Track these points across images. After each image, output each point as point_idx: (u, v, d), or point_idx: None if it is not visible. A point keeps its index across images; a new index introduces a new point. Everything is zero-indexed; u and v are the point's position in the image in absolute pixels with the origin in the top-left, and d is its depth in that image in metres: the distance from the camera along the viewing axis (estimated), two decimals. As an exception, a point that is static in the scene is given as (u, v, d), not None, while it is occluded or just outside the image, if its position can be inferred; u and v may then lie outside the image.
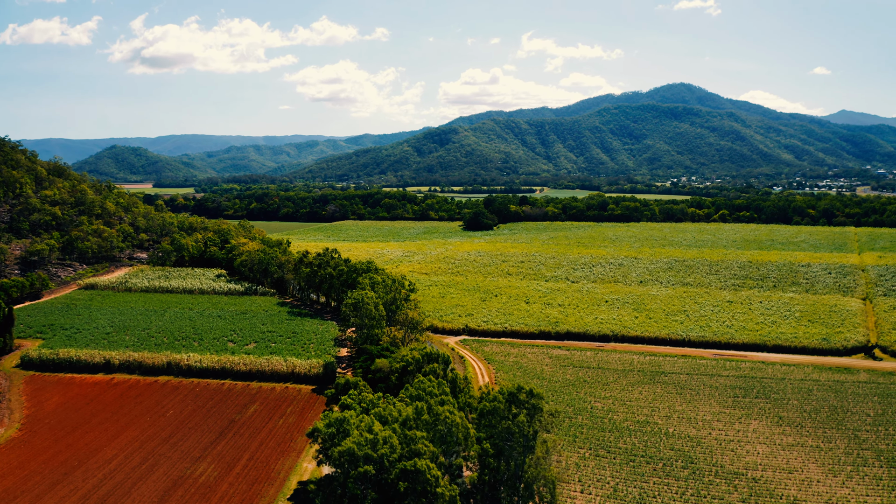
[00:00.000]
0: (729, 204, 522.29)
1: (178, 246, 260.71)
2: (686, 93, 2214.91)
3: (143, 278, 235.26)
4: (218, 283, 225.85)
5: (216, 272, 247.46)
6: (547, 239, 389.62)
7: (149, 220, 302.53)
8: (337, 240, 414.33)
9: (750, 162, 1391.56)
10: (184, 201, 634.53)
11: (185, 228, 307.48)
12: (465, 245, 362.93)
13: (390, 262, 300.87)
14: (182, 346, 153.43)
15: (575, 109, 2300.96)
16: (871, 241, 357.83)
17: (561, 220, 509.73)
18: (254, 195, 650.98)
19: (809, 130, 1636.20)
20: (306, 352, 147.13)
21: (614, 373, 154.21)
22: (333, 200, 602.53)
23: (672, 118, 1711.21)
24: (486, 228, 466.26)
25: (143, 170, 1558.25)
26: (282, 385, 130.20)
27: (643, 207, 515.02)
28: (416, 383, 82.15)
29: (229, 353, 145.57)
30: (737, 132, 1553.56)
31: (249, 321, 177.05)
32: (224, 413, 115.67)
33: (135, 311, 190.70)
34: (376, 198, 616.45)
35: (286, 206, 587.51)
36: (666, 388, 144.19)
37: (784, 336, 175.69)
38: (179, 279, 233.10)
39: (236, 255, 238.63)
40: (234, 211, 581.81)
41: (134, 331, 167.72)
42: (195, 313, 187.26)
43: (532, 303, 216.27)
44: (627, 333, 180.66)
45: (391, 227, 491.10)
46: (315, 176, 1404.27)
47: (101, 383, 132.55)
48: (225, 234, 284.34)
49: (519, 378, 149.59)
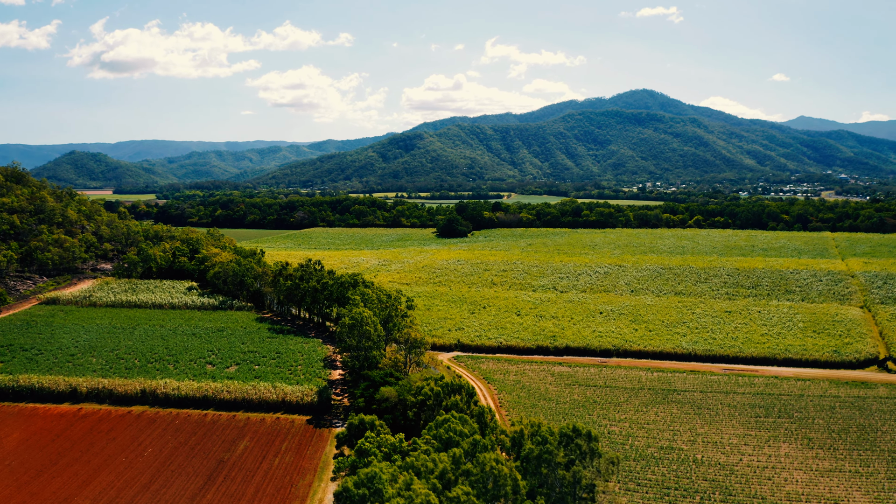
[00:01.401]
0: (703, 210, 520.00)
1: (146, 256, 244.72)
2: (649, 99, 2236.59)
3: (109, 292, 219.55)
4: (190, 297, 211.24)
5: (187, 284, 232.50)
6: (525, 246, 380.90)
7: (113, 229, 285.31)
8: (308, 248, 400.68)
9: (713, 167, 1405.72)
10: (146, 208, 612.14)
11: (150, 237, 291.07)
12: (442, 253, 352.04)
13: (367, 272, 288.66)
14: (156, 369, 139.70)
15: (539, 115, 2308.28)
16: (850, 247, 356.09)
17: (535, 226, 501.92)
18: (218, 202, 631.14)
19: (771, 136, 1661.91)
20: (294, 375, 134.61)
21: (624, 391, 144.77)
22: (301, 207, 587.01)
23: (636, 124, 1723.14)
24: (460, 235, 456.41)
25: (103, 176, 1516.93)
26: (272, 415, 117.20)
27: (618, 213, 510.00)
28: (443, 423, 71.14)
29: (209, 377, 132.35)
30: (700, 138, 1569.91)
31: (228, 340, 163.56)
32: (210, 451, 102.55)
33: (101, 328, 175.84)
34: (345, 204, 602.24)
35: (253, 212, 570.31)
36: (682, 409, 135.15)
37: (793, 349, 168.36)
38: (148, 293, 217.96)
39: (209, 267, 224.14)
40: (198, 218, 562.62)
41: (101, 352, 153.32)
42: (167, 331, 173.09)
43: (524, 315, 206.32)
44: (630, 348, 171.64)
45: (362, 235, 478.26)
46: (279, 182, 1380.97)
47: (68, 415, 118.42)
48: (194, 243, 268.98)
49: (523, 399, 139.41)
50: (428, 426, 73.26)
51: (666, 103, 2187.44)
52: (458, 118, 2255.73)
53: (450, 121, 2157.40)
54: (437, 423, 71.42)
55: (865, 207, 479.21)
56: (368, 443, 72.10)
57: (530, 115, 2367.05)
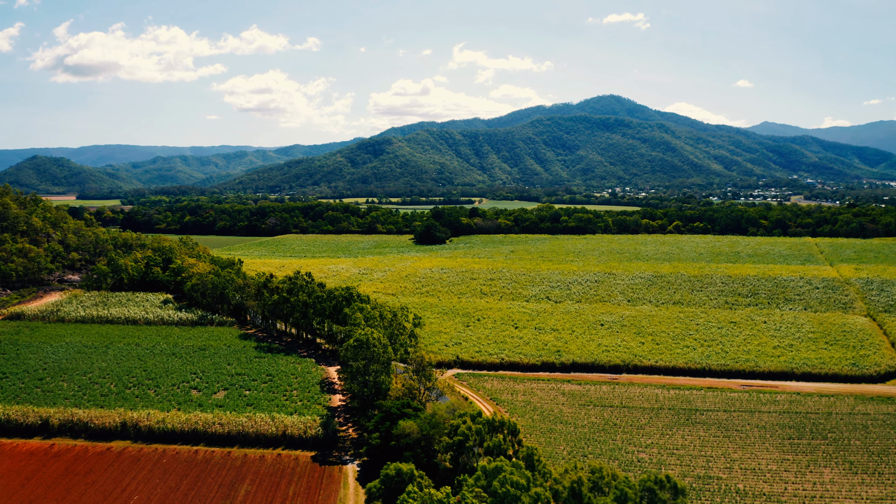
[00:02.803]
0: (681, 215, 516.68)
1: (116, 267, 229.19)
2: (616, 104, 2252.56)
3: (78, 305, 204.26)
4: (166, 311, 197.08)
5: (162, 297, 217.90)
6: (508, 253, 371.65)
7: (80, 237, 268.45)
8: (283, 256, 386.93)
9: (681, 172, 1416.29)
10: (112, 214, 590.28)
11: (119, 246, 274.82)
12: (424, 261, 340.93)
13: (347, 281, 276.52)
14: (135, 396, 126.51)
15: (507, 120, 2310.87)
16: (835, 253, 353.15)
17: (514, 232, 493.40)
18: (187, 208, 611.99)
19: (737, 141, 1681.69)
20: (290, 401, 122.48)
21: (642, 412, 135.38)
22: (273, 213, 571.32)
23: (604, 129, 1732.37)
24: (438, 242, 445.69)
25: (66, 181, 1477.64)
26: (272, 452, 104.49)
27: (596, 219, 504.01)
28: (495, 472, 60.44)
29: (196, 405, 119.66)
30: (667, 143, 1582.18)
31: (212, 360, 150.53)
32: (207, 498, 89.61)
33: (71, 347, 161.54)
34: (318, 210, 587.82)
35: (223, 219, 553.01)
36: (709, 431, 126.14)
37: (810, 362, 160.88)
38: (120, 307, 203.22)
39: (185, 279, 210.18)
40: (166, 224, 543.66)
41: (73, 375, 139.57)
42: (144, 350, 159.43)
43: (521, 328, 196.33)
44: (641, 363, 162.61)
45: (338, 242, 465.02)
46: (246, 187, 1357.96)
47: (39, 453, 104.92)
48: (167, 252, 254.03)
49: (537, 422, 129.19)
50: (474, 475, 62.35)
51: (633, 109, 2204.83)
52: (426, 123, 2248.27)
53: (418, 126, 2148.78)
54: (488, 472, 60.80)
55: (843, 213, 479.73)
56: (411, 499, 60.71)
57: (498, 121, 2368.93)
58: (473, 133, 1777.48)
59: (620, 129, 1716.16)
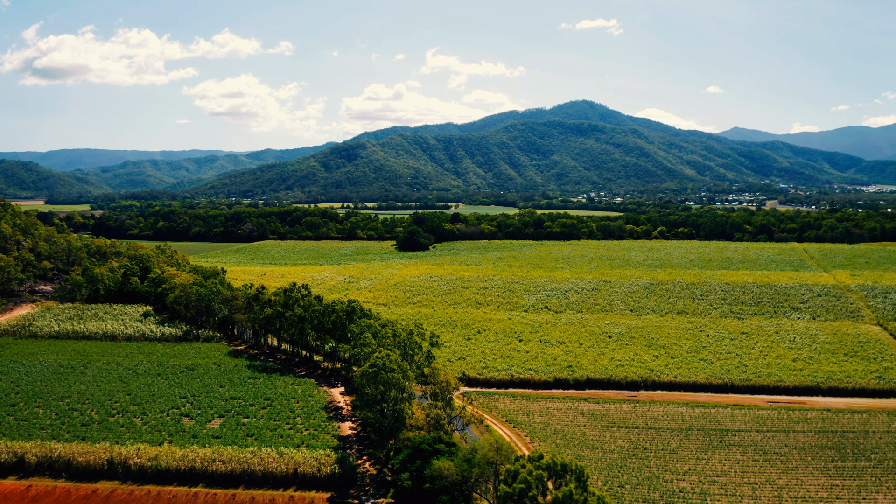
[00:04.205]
0: (665, 220, 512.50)
1: (92, 277, 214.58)
2: (588, 110, 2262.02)
3: (52, 319, 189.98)
4: (147, 326, 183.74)
5: (141, 310, 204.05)
6: (496, 259, 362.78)
7: (52, 245, 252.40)
8: (262, 263, 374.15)
9: (655, 177, 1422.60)
10: (82, 220, 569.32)
11: (93, 253, 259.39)
12: (411, 268, 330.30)
13: (333, 290, 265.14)
14: (119, 425, 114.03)
15: (480, 125, 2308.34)
16: (826, 258, 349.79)
17: (498, 238, 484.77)
18: (159, 213, 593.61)
19: (709, 147, 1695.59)
20: (295, 430, 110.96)
21: (671, 434, 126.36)
22: (248, 218, 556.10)
23: (578, 134, 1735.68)
24: (422, 248, 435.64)
25: (34, 185, 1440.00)
26: (282, 493, 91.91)
27: (580, 225, 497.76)
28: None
29: (190, 436, 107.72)
30: (640, 148, 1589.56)
31: (202, 381, 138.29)
32: (214, 548, 78.72)
33: (46, 367, 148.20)
34: (295, 216, 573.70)
35: (197, 224, 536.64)
36: (746, 454, 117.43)
37: (835, 376, 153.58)
38: (97, 320, 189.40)
39: (167, 290, 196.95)
40: (139, 230, 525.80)
41: (49, 400, 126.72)
42: (127, 370, 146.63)
43: (526, 340, 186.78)
44: (658, 378, 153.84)
45: (318, 248, 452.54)
46: (218, 192, 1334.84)
47: (14, 496, 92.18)
48: (144, 260, 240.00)
49: (562, 448, 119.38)
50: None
51: (605, 114, 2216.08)
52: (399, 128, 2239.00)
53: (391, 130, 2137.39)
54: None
55: (827, 218, 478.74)
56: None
57: (472, 126, 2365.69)
58: (447, 138, 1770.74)
59: (594, 134, 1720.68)
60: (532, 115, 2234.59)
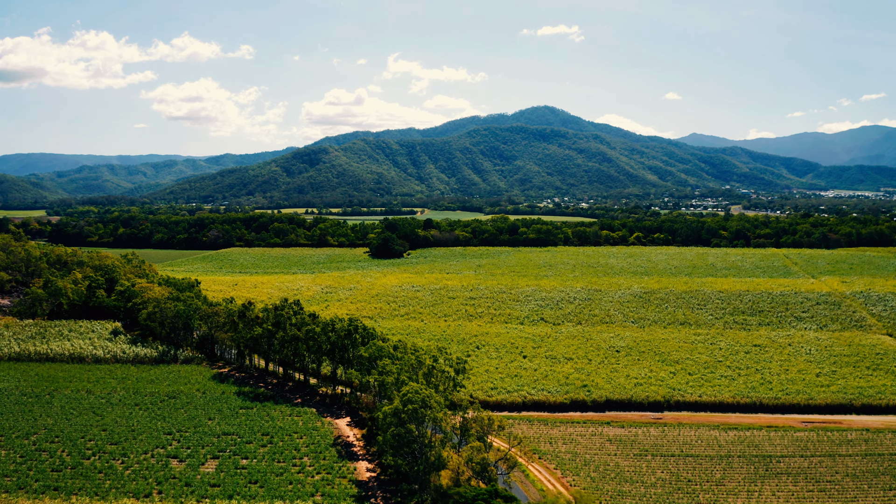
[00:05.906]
0: (640, 226, 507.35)
1: (55, 290, 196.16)
2: (550, 115, 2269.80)
3: (11, 338, 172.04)
4: (118, 346, 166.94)
5: (110, 327, 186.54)
6: (475, 267, 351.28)
7: (9, 255, 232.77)
8: (231, 272, 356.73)
9: (618, 183, 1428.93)
10: (38, 226, 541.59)
11: (54, 263, 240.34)
12: (390, 277, 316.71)
13: (311, 301, 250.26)
14: (96, 470, 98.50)
15: (443, 130, 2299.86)
16: (809, 264, 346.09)
17: (473, 244, 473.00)
18: (119, 219, 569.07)
19: (670, 152, 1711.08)
20: (304, 474, 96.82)
21: (711, 462, 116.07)
22: (213, 225, 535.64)
23: (541, 140, 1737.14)
24: (396, 255, 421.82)
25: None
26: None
27: (556, 231, 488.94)
28: None
29: (182, 485, 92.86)
30: (603, 154, 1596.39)
31: (187, 412, 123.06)
32: None
33: (7, 396, 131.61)
34: (262, 222, 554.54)
35: (160, 231, 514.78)
36: (797, 484, 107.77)
37: (865, 392, 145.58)
38: (61, 339, 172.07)
39: (139, 305, 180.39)
40: (98, 237, 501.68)
41: (11, 438, 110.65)
42: (99, 399, 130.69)
43: (531, 357, 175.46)
44: (683, 398, 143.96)
45: (288, 256, 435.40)
46: (177, 197, 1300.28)
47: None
48: (110, 271, 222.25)
49: (599, 483, 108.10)
50: None
51: (567, 120, 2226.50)
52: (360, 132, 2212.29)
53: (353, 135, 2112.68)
54: None
55: (801, 223, 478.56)
56: None
57: (434, 131, 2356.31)
58: (410, 143, 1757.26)
59: (557, 139, 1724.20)
60: (494, 121, 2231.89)
